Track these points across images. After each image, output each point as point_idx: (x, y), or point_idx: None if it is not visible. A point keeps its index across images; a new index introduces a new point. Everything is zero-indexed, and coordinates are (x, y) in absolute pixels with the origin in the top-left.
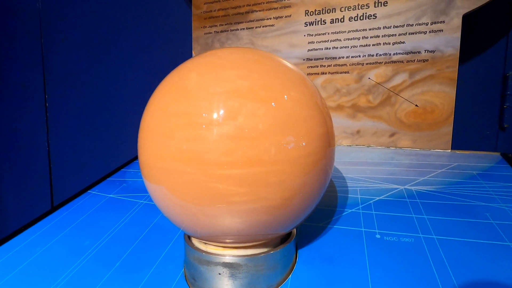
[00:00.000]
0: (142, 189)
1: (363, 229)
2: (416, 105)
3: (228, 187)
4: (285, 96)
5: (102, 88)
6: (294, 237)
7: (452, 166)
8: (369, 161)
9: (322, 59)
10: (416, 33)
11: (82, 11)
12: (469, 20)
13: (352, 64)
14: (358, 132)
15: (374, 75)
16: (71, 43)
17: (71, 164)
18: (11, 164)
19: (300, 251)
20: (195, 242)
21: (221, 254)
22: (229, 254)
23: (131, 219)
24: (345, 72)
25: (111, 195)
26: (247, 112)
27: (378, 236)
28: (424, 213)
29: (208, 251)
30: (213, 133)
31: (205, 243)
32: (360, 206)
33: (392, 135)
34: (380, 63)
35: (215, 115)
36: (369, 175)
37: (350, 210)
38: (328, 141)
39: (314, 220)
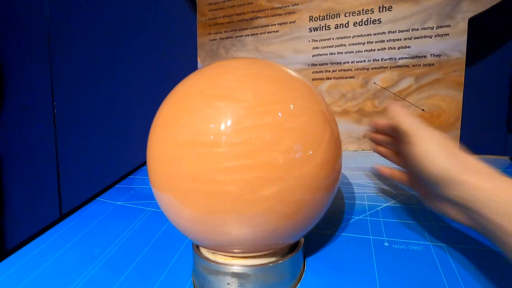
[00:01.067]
0: (150, 196)
1: (371, 237)
2: (423, 110)
3: (236, 198)
4: (292, 106)
5: (109, 95)
6: (302, 245)
7: None
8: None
9: (327, 64)
10: (421, 37)
11: (88, 19)
12: (475, 23)
13: (357, 69)
14: (364, 137)
15: (380, 79)
16: (79, 52)
17: (79, 172)
18: (20, 173)
19: (308, 260)
20: (204, 251)
21: (229, 264)
22: (237, 264)
23: (140, 226)
24: (351, 77)
25: (119, 203)
26: (254, 123)
27: (386, 244)
28: (433, 220)
29: (217, 260)
30: (221, 144)
31: (214, 253)
32: (368, 213)
33: None
34: (386, 67)
35: (222, 127)
36: (376, 180)
37: (357, 217)
38: (335, 148)
39: (322, 227)
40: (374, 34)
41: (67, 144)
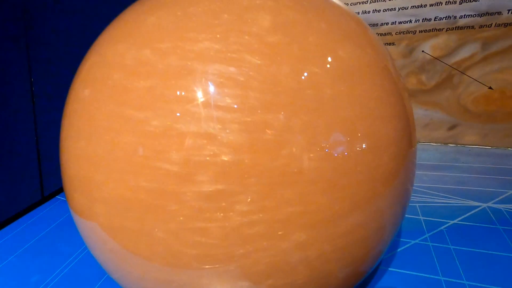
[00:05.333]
0: None
1: (441, 278)
2: (490, 88)
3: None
4: (329, 59)
5: None
6: None
7: None
8: (423, 163)
9: None
10: None
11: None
12: None
13: (400, 33)
14: None
15: (430, 46)
16: (55, 33)
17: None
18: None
19: None
20: None
21: None
22: None
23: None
24: (390, 44)
25: None
26: (260, 93)
27: None
28: None
29: None
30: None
31: None
32: (428, 235)
33: (452, 127)
34: (440, 30)
35: (199, 97)
36: (429, 184)
37: (413, 241)
38: (408, 140)
39: None
40: None
41: (46, 126)
